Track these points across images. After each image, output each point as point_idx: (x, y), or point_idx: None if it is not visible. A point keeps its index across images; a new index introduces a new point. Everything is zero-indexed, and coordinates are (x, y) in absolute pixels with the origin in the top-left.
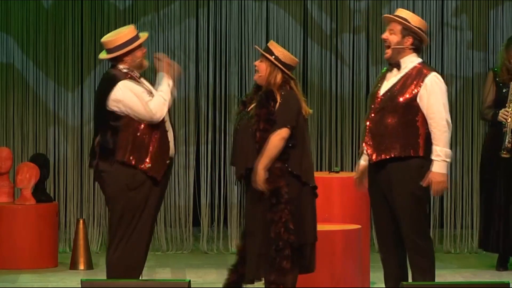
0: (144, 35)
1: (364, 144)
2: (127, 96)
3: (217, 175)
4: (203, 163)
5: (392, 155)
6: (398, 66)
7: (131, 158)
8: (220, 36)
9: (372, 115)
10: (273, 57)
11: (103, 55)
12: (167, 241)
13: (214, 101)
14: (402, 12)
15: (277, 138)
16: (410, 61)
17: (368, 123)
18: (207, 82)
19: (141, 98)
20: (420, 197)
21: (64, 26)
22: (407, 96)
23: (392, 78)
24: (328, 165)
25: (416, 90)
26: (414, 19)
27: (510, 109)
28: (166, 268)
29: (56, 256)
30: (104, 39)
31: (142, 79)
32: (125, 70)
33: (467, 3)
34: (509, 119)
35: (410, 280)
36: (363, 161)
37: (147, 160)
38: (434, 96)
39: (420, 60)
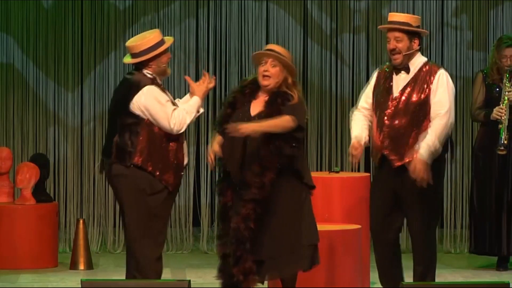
0: (169, 40)
1: (385, 151)
2: (151, 102)
3: (217, 175)
4: (203, 163)
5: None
6: (407, 70)
7: (148, 164)
8: (220, 36)
9: (388, 121)
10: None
11: (127, 60)
12: (167, 241)
13: (214, 101)
14: (400, 17)
15: (289, 120)
16: (418, 62)
17: (385, 128)
18: None
19: (165, 107)
20: (436, 196)
21: (64, 26)
22: (421, 96)
23: (402, 82)
24: (328, 165)
25: (428, 88)
26: (413, 20)
27: (504, 105)
28: (166, 268)
29: (56, 256)
30: (130, 43)
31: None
32: (149, 76)
33: (467, 3)
34: (504, 116)
35: (407, 279)
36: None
37: (163, 169)
38: (442, 92)
39: (425, 59)
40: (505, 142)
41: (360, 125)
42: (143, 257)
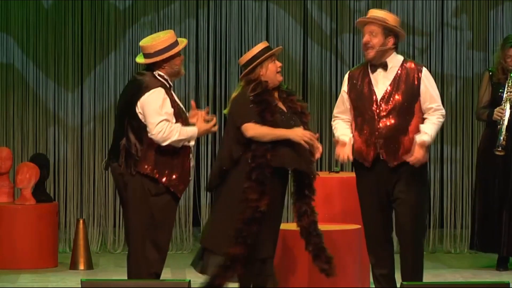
0: (183, 42)
1: (380, 151)
2: (149, 103)
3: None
4: (203, 163)
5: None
6: (384, 67)
7: (154, 171)
8: (220, 36)
9: (379, 120)
10: None
11: (140, 59)
12: None
13: (214, 101)
14: (378, 13)
15: None
16: (397, 60)
17: (377, 129)
18: (207, 82)
19: (159, 114)
20: (427, 194)
21: (64, 26)
22: (410, 93)
23: (382, 80)
24: (328, 165)
25: (416, 86)
26: (391, 18)
27: (505, 107)
28: (166, 268)
29: (56, 256)
30: (143, 43)
31: (173, 92)
32: (160, 78)
33: (467, 3)
34: (504, 116)
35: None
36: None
37: (170, 176)
38: (432, 88)
39: (402, 57)
40: (503, 143)
41: (342, 127)
42: (143, 258)
